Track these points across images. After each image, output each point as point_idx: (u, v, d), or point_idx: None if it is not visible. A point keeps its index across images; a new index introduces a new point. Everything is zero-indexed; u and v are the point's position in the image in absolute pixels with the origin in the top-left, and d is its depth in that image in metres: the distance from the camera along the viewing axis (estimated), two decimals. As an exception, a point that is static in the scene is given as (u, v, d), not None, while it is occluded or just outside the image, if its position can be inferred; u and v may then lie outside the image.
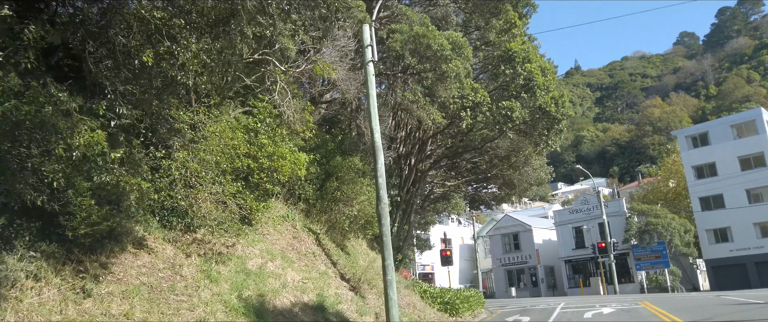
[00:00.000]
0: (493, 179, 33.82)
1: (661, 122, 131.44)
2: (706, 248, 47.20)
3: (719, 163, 46.78)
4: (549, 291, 51.67)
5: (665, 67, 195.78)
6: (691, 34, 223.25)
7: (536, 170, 30.19)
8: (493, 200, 35.98)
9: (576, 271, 50.31)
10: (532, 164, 29.55)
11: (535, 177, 30.76)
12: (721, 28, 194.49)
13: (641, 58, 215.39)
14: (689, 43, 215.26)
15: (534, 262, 52.66)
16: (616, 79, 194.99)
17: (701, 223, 47.16)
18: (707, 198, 47.39)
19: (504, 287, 53.03)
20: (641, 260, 45.56)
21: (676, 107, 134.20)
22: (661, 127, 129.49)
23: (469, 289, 28.79)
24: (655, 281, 45.25)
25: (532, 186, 31.62)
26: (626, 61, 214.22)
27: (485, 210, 42.02)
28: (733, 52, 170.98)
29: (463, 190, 36.33)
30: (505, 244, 55.23)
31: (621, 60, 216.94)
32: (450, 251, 35.15)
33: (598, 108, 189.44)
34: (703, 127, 49.64)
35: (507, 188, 32.74)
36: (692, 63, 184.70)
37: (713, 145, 47.50)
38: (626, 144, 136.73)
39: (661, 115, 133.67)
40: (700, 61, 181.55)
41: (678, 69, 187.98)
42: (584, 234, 49.46)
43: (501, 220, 57.78)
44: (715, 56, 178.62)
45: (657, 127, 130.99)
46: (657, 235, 44.74)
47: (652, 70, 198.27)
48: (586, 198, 50.19)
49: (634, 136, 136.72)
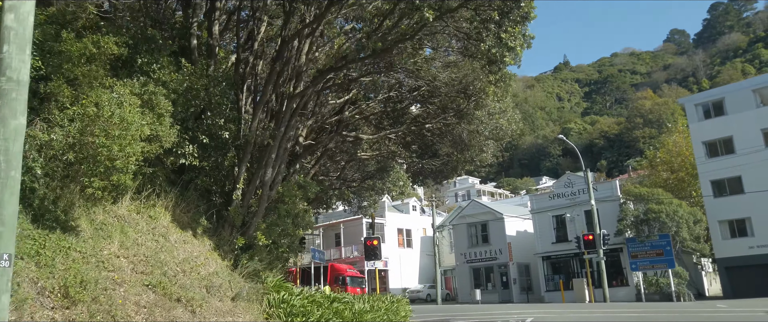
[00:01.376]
0: (438, 140, 23.30)
1: (652, 114, 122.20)
2: (719, 243, 36.99)
3: (737, 137, 36.56)
4: (522, 295, 41.26)
5: (655, 64, 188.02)
6: (681, 31, 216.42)
7: (494, 116, 19.69)
8: (440, 170, 25.45)
9: (556, 270, 39.97)
10: (488, 106, 19.12)
11: (494, 128, 20.29)
12: (714, 24, 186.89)
13: (631, 54, 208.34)
14: (679, 40, 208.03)
15: (505, 258, 42.26)
16: (604, 75, 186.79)
17: (713, 212, 36.93)
18: (721, 181, 37.17)
19: (468, 289, 42.56)
20: (638, 257, 35.28)
21: (669, 99, 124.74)
22: (652, 119, 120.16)
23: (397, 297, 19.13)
24: (655, 285, 34.95)
25: (488, 142, 21.10)
26: (616, 57, 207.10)
27: (434, 185, 31.41)
28: (725, 47, 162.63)
29: (401, 157, 25.83)
30: (471, 235, 44.76)
31: (610, 56, 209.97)
32: (377, 240, 24.52)
33: (587, 103, 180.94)
34: (717, 92, 39.35)
35: (455, 148, 22.29)
36: (683, 59, 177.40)
37: (730, 115, 37.27)
38: (615, 137, 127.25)
39: (653, 107, 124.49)
40: (691, 56, 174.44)
41: (668, 66, 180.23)
42: (567, 224, 39.09)
43: (467, 206, 47.28)
44: (707, 52, 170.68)
45: (648, 120, 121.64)
46: (659, 226, 34.46)
47: (642, 67, 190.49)
48: (570, 179, 39.80)
49: (623, 129, 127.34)
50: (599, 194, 37.28)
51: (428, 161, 25.63)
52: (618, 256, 37.02)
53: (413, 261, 51.06)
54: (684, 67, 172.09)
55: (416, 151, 25.16)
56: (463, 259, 44.60)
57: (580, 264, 38.29)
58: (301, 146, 20.16)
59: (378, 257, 24.64)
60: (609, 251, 35.42)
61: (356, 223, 47.70)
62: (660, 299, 34.44)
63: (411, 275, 50.25)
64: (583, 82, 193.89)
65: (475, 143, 20.74)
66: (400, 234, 50.62)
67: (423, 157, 25.42)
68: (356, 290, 43.52)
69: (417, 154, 25.51)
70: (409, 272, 50.12)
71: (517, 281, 41.99)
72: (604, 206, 37.00)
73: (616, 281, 36.75)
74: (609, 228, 35.00)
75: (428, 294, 46.31)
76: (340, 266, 44.49)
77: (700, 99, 39.08)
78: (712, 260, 45.71)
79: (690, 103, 39.13)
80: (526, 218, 43.46)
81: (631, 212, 35.78)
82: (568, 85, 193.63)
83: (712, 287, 45.79)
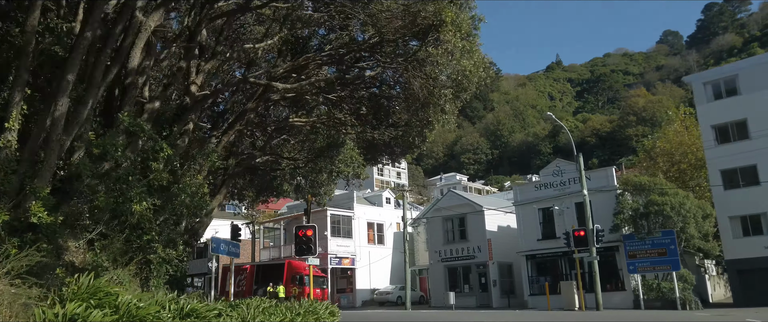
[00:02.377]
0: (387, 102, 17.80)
1: (645, 112, 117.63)
2: (729, 243, 31.68)
3: (753, 119, 31.26)
4: (503, 299, 35.78)
5: (648, 65, 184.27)
6: (674, 33, 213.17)
7: (454, 56, 14.09)
8: (396, 141, 19.91)
9: (542, 271, 34.53)
10: (448, 42, 13.60)
11: (454, 72, 14.76)
12: (708, 25, 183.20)
13: (624, 55, 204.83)
14: (672, 41, 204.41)
15: (484, 256, 36.77)
16: (597, 75, 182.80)
17: (722, 207, 31.60)
18: (733, 171, 31.86)
19: (443, 291, 37.00)
20: (637, 257, 29.89)
21: (663, 97, 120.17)
22: (646, 117, 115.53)
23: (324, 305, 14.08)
24: (656, 290, 29.54)
25: (446, 93, 15.52)
26: (608, 57, 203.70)
27: (389, 162, 25.57)
28: (718, 48, 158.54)
29: (347, 125, 20.28)
30: (447, 231, 39.22)
31: (603, 56, 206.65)
32: (313, 230, 18.95)
33: (579, 102, 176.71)
34: (730, 69, 33.99)
35: (409, 109, 16.77)
36: (676, 60, 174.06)
37: (744, 94, 31.93)
38: (607, 135, 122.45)
39: (646, 105, 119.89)
40: (684, 57, 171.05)
41: (661, 67, 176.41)
42: (555, 218, 33.64)
43: (443, 198, 41.75)
44: (700, 53, 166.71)
45: (641, 118, 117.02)
46: (662, 221, 29.08)
47: (635, 68, 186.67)
48: (559, 166, 34.33)
49: (615, 127, 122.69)
50: (593, 184, 31.86)
51: (382, 132, 20.10)
52: (613, 256, 31.63)
53: (385, 259, 45.52)
54: (677, 68, 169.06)
55: (365, 117, 19.63)
56: (437, 257, 39.07)
57: (569, 265, 32.89)
58: (192, 97, 14.62)
59: (311, 252, 19.05)
60: (603, 249, 30.04)
61: (320, 215, 42.07)
62: (662, 306, 29.07)
63: (382, 275, 44.69)
64: (575, 81, 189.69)
65: (433, 99, 15.22)
66: (370, 229, 45.04)
67: (375, 127, 19.88)
68: (316, 291, 37.87)
69: (367, 123, 19.98)
70: (379, 271, 44.57)
71: (497, 283, 36.52)
72: (598, 197, 31.58)
73: (611, 284, 31.35)
74: (603, 223, 29.58)
75: (399, 297, 40.76)
76: (298, 263, 38.78)
77: (709, 76, 33.71)
78: (715, 262, 40.49)
79: (698, 81, 33.76)
80: (508, 212, 37.99)
81: (629, 204, 30.40)
82: (560, 84, 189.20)
83: (716, 292, 40.50)
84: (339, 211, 42.59)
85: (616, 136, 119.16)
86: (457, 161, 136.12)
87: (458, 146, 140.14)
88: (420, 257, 44.87)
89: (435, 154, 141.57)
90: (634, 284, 30.47)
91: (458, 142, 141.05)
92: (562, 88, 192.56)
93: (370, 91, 18.63)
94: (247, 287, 40.03)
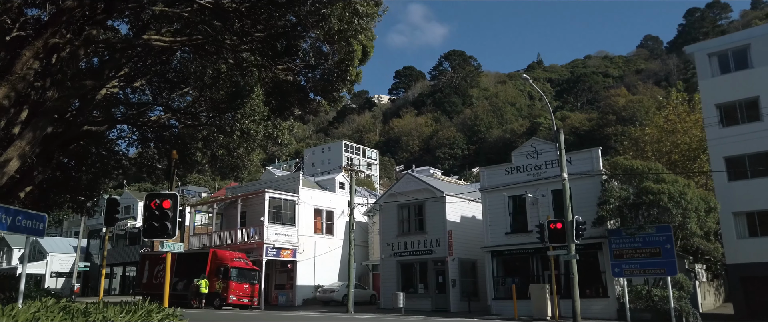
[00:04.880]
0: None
1: (625, 112, 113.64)
2: (733, 244, 26.10)
3: (766, 97, 25.77)
4: (463, 302, 29.79)
5: (628, 68, 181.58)
6: (655, 38, 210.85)
7: None
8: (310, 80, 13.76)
9: (510, 271, 28.64)
10: None
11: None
12: (689, 30, 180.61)
13: (604, 58, 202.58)
14: (653, 46, 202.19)
15: (444, 251, 30.76)
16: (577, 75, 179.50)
17: (726, 201, 25.97)
18: (740, 158, 26.29)
19: (395, 290, 30.85)
20: (624, 257, 24.11)
21: (644, 97, 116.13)
22: (626, 117, 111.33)
23: None
24: (645, 299, 23.76)
25: None
26: (589, 59, 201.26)
27: (301, 114, 19.14)
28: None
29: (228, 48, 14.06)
30: (403, 220, 33.10)
31: (584, 58, 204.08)
32: (170, 201, 12.51)
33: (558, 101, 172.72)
34: (741, 37, 28.27)
35: (309, 18, 10.64)
36: (656, 64, 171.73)
37: (757, 67, 26.37)
38: (586, 134, 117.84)
39: (626, 105, 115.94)
40: (665, 61, 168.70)
41: (641, 70, 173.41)
42: (528, 208, 27.73)
43: (400, 182, 35.61)
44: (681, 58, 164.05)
45: (621, 117, 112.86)
46: (657, 213, 23.33)
47: (615, 70, 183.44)
48: (535, 146, 28.36)
49: (594, 125, 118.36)
50: (575, 168, 26.05)
51: (285, 64, 13.91)
52: (595, 254, 25.82)
53: (334, 252, 39.28)
54: (657, 72, 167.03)
55: (264, 42, 13.38)
56: (389, 250, 32.94)
57: (542, 264, 27.07)
58: None
59: (167, 234, 12.52)
60: (583, 247, 24.24)
61: (258, 198, 35.69)
62: (652, 318, 23.36)
63: (330, 270, 38.44)
64: (555, 82, 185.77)
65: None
66: (318, 216, 38.70)
67: (272, 58, 13.66)
68: (244, 286, 31.56)
69: (268, 52, 13.74)
70: (327, 265, 38.32)
71: (457, 284, 30.53)
72: (580, 184, 25.76)
73: (591, 289, 25.52)
74: (585, 215, 23.73)
75: (345, 296, 34.58)
76: (225, 253, 32.42)
77: (715, 46, 28.03)
78: (706, 266, 35.11)
79: (702, 52, 28.04)
80: (473, 200, 32.00)
81: (616, 193, 24.59)
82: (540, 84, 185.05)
83: (706, 300, 35.07)
84: (280, 194, 36.22)
85: (594, 136, 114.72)
86: (433, 155, 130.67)
87: (434, 140, 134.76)
88: (375, 250, 38.75)
89: (410, 147, 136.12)
90: (618, 289, 24.73)
91: (434, 137, 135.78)
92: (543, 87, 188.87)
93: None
94: (166, 280, 33.41)
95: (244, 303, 30.76)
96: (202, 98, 19.21)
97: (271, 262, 35.80)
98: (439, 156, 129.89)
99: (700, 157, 35.00)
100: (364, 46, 13.27)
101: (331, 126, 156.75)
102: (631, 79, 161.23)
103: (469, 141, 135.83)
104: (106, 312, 9.40)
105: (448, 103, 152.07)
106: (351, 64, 13.06)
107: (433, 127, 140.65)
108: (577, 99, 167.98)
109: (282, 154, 24.91)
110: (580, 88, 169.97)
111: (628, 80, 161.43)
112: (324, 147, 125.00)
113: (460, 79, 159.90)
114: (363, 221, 40.88)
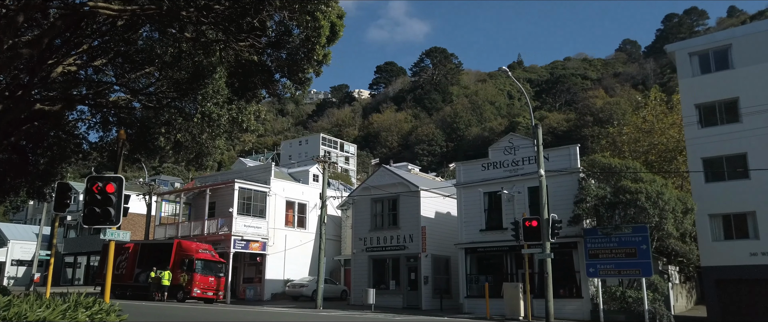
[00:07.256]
0: None
1: (603, 113, 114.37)
2: (708, 245, 25.75)
3: (746, 99, 25.35)
4: (436, 299, 29.04)
5: (606, 71, 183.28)
6: (633, 42, 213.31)
7: None
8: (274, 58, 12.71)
9: (483, 268, 27.94)
10: None
11: None
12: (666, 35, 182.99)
13: (583, 60, 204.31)
14: (631, 50, 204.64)
15: (417, 247, 29.94)
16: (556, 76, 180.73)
17: (703, 202, 25.60)
18: (718, 160, 25.93)
19: (365, 286, 29.96)
20: (600, 257, 23.56)
21: (621, 98, 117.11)
22: (603, 118, 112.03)
23: None
24: (619, 300, 23.25)
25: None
26: (568, 61, 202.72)
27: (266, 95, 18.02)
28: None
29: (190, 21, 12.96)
30: (376, 215, 32.19)
31: (563, 60, 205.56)
32: (114, 185, 11.39)
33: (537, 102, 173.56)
34: (723, 36, 27.91)
35: None
36: (634, 67, 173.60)
37: (738, 68, 26.03)
38: (563, 134, 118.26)
39: (604, 106, 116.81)
40: (642, 65, 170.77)
41: (619, 73, 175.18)
42: (503, 205, 27.04)
43: (374, 175, 34.68)
44: (658, 62, 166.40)
45: (598, 118, 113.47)
46: (634, 213, 22.81)
47: (593, 73, 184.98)
48: (512, 142, 27.71)
49: (572, 126, 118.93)
50: (552, 165, 25.41)
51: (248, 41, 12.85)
52: (570, 254, 25.25)
53: (305, 245, 38.19)
54: (634, 75, 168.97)
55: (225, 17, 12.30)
56: (361, 245, 32.00)
57: (516, 262, 26.42)
58: None
59: (110, 221, 11.36)
60: (558, 245, 23.65)
61: (227, 189, 34.41)
62: (626, 319, 22.87)
63: (300, 264, 37.36)
64: (535, 82, 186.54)
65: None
66: (290, 209, 37.57)
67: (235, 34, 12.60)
68: (209, 279, 30.30)
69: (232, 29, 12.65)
70: (297, 259, 37.23)
71: (429, 281, 29.75)
72: (557, 182, 25.14)
73: (565, 289, 24.96)
74: (561, 213, 23.13)
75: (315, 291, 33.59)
76: (190, 244, 31.10)
77: (697, 45, 27.62)
78: (679, 268, 34.91)
79: (683, 50, 27.62)
80: (448, 196, 31.24)
81: (593, 191, 24.01)
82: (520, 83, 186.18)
83: (679, 303, 34.91)
84: (251, 185, 34.99)
85: (572, 136, 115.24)
86: (412, 151, 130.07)
87: (413, 136, 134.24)
88: (348, 245, 37.78)
89: (389, 143, 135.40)
90: (592, 290, 24.20)
91: (413, 133, 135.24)
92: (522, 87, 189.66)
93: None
94: (129, 270, 32.06)
95: (208, 297, 29.54)
96: (163, 78, 17.99)
97: (239, 255, 34.57)
98: (418, 152, 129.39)
99: (677, 158, 34.78)
100: (333, 24, 12.27)
101: (310, 119, 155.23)
102: (609, 81, 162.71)
103: (448, 138, 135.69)
104: (21, 306, 8.28)
105: (428, 100, 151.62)
106: (318, 43, 12.04)
107: (412, 124, 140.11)
108: (556, 100, 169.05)
109: (249, 141, 23.74)
110: (559, 89, 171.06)
111: (606, 83, 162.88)
112: (301, 140, 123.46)
113: (441, 77, 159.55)
114: (336, 215, 39.87)
